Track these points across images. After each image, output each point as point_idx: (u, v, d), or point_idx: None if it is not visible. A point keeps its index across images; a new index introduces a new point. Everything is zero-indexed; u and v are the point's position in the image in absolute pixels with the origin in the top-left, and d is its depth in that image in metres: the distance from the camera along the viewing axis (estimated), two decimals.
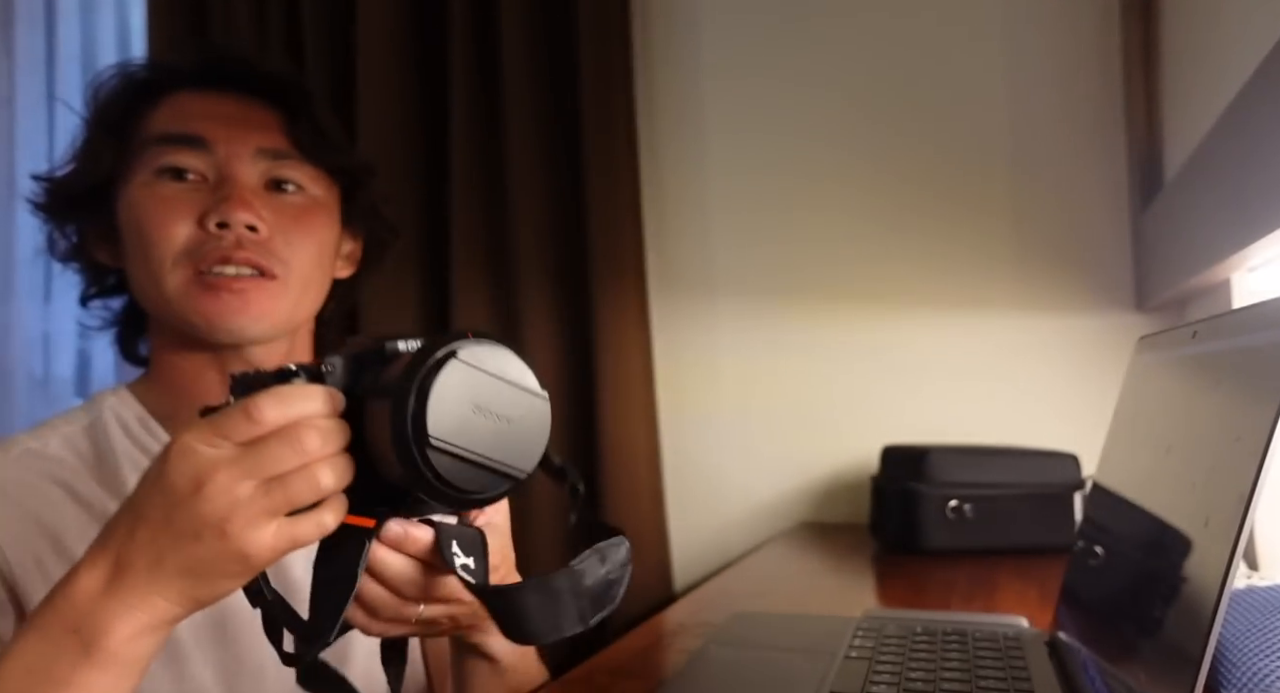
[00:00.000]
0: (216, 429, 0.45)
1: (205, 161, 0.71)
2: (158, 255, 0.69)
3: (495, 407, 0.47)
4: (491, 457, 0.46)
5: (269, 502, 0.45)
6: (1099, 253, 1.35)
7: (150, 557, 0.46)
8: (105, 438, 0.72)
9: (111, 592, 0.46)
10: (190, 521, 0.45)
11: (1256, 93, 0.71)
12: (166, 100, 0.74)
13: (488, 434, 0.46)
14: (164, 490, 0.45)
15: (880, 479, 1.25)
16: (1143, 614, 0.49)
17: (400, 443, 0.44)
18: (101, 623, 0.46)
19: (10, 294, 2.12)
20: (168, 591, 0.46)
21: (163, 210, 0.69)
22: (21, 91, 2.14)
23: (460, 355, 0.46)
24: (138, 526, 0.46)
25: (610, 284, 1.40)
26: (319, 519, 0.47)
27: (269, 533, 0.45)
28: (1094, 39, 1.35)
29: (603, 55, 1.41)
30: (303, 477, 0.45)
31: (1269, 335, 0.43)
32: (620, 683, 0.71)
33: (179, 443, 0.46)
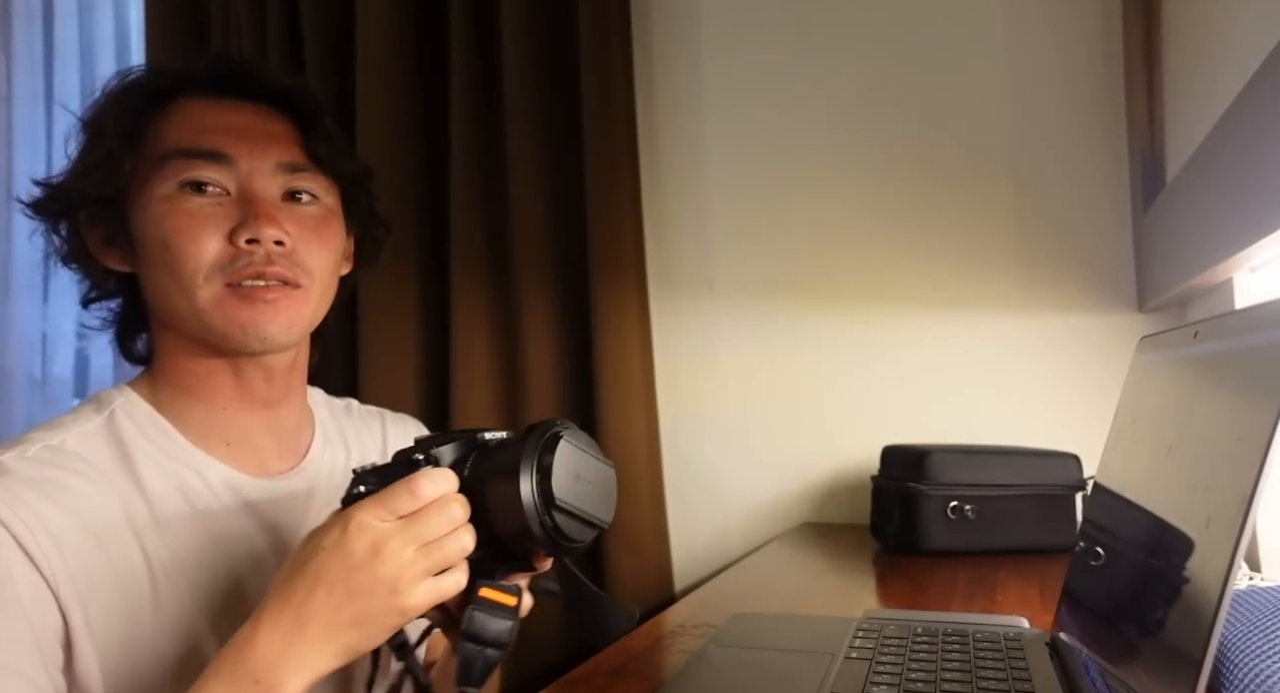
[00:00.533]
0: (386, 506, 0.56)
1: (227, 175, 0.73)
2: (190, 269, 0.71)
3: (587, 475, 0.62)
4: (590, 513, 0.61)
5: (429, 563, 0.56)
6: (1100, 253, 1.35)
7: (327, 614, 0.55)
8: (121, 436, 0.72)
9: (290, 648, 0.55)
10: (368, 580, 0.55)
11: (1257, 93, 0.71)
12: (179, 107, 0.75)
13: (585, 496, 0.61)
14: (345, 557, 0.55)
15: (880, 480, 1.25)
16: (1144, 615, 0.49)
17: (531, 507, 0.58)
18: (280, 677, 0.54)
19: (9, 294, 2.12)
20: (335, 645, 0.56)
21: (191, 225, 0.71)
22: (19, 90, 2.14)
23: (564, 437, 0.61)
24: (317, 587, 0.55)
25: (610, 284, 1.39)
26: (456, 578, 0.58)
27: (424, 589, 0.56)
28: (1096, 39, 1.35)
29: (603, 55, 1.41)
30: (452, 540, 0.57)
31: (1270, 336, 0.43)
32: (620, 684, 0.71)
33: (357, 519, 0.56)
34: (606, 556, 1.37)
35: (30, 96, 2.13)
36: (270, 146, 0.74)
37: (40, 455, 0.68)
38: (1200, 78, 1.02)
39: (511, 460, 0.59)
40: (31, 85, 2.14)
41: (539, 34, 1.45)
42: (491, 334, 1.47)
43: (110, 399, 0.75)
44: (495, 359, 1.47)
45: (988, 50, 1.40)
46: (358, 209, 0.84)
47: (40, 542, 0.63)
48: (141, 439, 0.73)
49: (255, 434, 0.78)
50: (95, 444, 0.71)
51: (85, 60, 2.12)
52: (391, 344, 1.48)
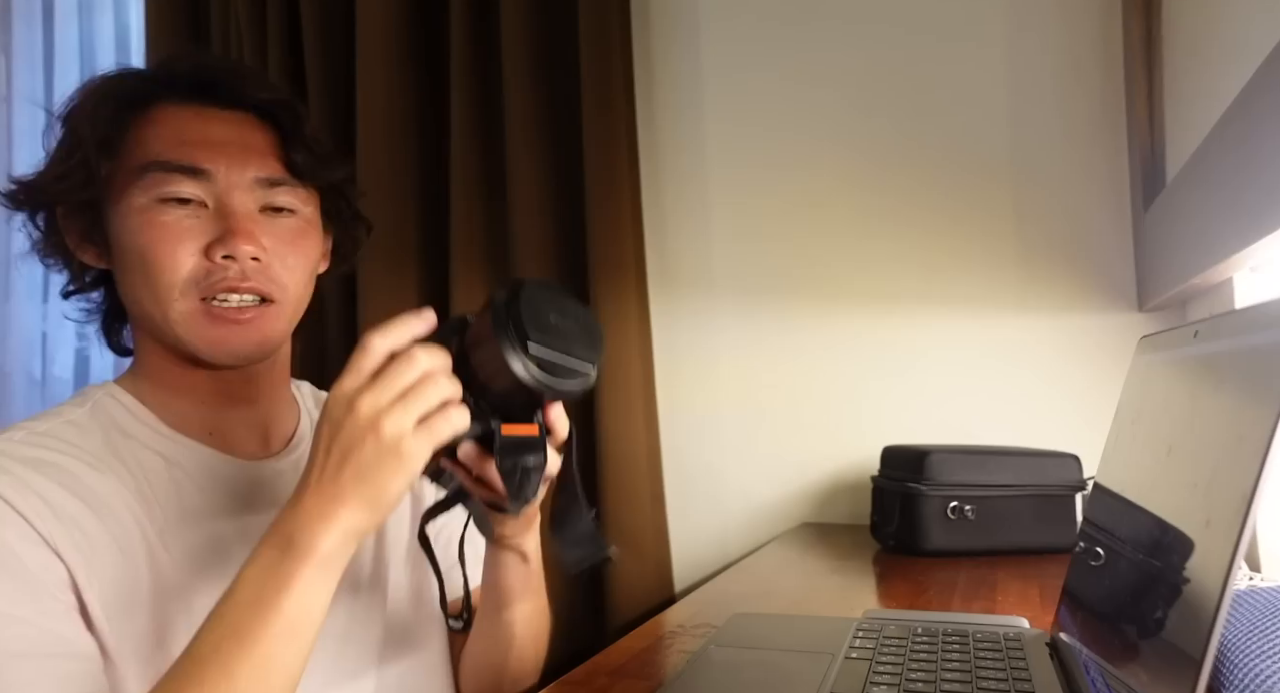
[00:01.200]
0: (350, 371, 0.61)
1: (205, 189, 0.73)
2: (164, 283, 0.71)
3: (562, 312, 0.63)
4: (573, 348, 0.62)
5: (405, 406, 0.59)
6: (1100, 253, 1.35)
7: (330, 473, 0.59)
8: (107, 422, 0.74)
9: (308, 508, 0.60)
10: (350, 433, 0.59)
11: (1258, 93, 0.71)
12: (158, 114, 0.74)
13: (565, 331, 0.62)
14: (329, 423, 0.60)
15: (880, 480, 1.25)
16: (1144, 615, 0.49)
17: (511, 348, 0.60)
18: (306, 533, 0.59)
19: (9, 294, 2.12)
20: (351, 498, 0.59)
21: (167, 239, 0.71)
22: (19, 90, 2.15)
23: (527, 282, 0.62)
24: (317, 455, 0.60)
25: (610, 284, 1.39)
26: (448, 417, 0.60)
27: (411, 432, 0.59)
28: (1096, 39, 1.35)
29: (603, 55, 1.41)
30: (427, 384, 0.60)
31: (1270, 336, 0.43)
32: (620, 684, 0.71)
33: (331, 393, 0.61)
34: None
35: (31, 97, 2.13)
36: (249, 160, 0.74)
37: (29, 439, 0.69)
38: (1200, 78, 1.02)
39: (483, 322, 0.62)
40: (31, 85, 2.14)
41: (539, 34, 1.45)
42: None
43: (93, 392, 0.76)
44: None
45: (988, 50, 1.40)
46: (337, 212, 0.85)
47: (33, 504, 0.64)
48: (128, 423, 0.74)
49: (236, 426, 0.80)
50: (82, 429, 0.72)
51: (85, 60, 2.12)
52: None
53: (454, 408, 0.61)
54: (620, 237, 1.40)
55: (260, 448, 0.81)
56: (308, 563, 0.59)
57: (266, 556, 0.60)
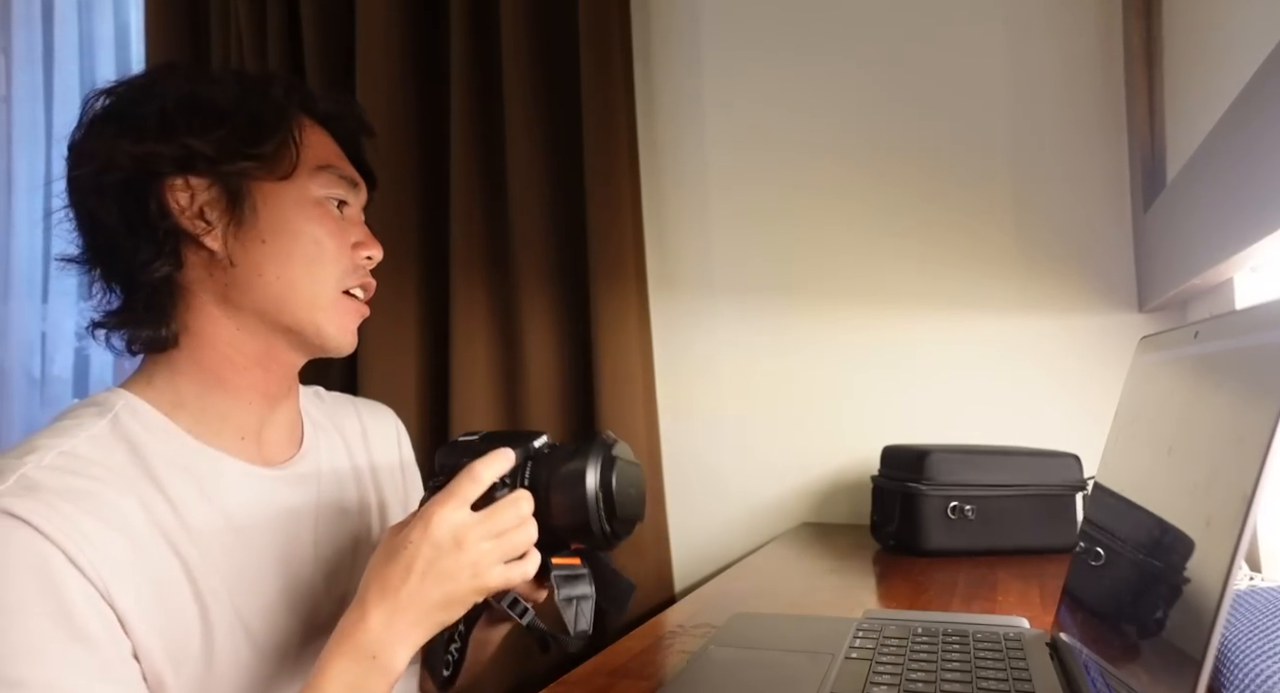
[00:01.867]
0: (457, 497, 0.67)
1: (355, 200, 0.84)
2: (328, 271, 0.78)
3: (633, 483, 0.74)
4: (635, 515, 0.74)
5: (501, 550, 0.67)
6: (1101, 253, 1.35)
7: (420, 598, 0.64)
8: (131, 439, 0.71)
9: (395, 627, 0.64)
10: (453, 566, 0.65)
11: (1258, 93, 0.71)
12: (308, 121, 0.80)
13: (633, 502, 0.73)
14: (433, 547, 0.65)
15: (880, 480, 1.25)
16: (1144, 616, 0.49)
17: (596, 528, 0.71)
18: (392, 651, 0.64)
19: (8, 294, 2.12)
20: (430, 621, 0.66)
21: (341, 233, 0.79)
22: (19, 90, 2.15)
23: (618, 457, 0.73)
24: (410, 575, 0.64)
25: (610, 284, 1.39)
26: (524, 567, 0.69)
27: (498, 574, 0.67)
28: (1096, 40, 1.35)
29: (603, 55, 1.41)
30: (521, 532, 0.68)
31: (1271, 336, 0.43)
32: (620, 684, 0.71)
33: (439, 514, 0.66)
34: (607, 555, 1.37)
35: (30, 96, 2.13)
36: (363, 188, 0.85)
37: (58, 462, 0.66)
38: (1200, 78, 1.02)
39: (573, 478, 0.71)
40: (31, 85, 2.14)
41: (538, 35, 1.45)
42: (491, 335, 1.47)
43: (110, 402, 0.73)
44: (495, 360, 1.47)
45: (988, 50, 1.40)
46: None
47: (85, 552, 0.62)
48: (152, 441, 0.72)
49: (266, 427, 0.80)
50: (107, 448, 0.70)
51: (85, 60, 2.12)
52: (391, 345, 1.48)
53: (532, 555, 0.69)
54: (620, 237, 1.40)
55: (279, 450, 0.82)
56: (388, 680, 0.64)
57: (348, 670, 0.63)
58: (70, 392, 2.10)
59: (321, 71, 1.55)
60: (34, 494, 0.63)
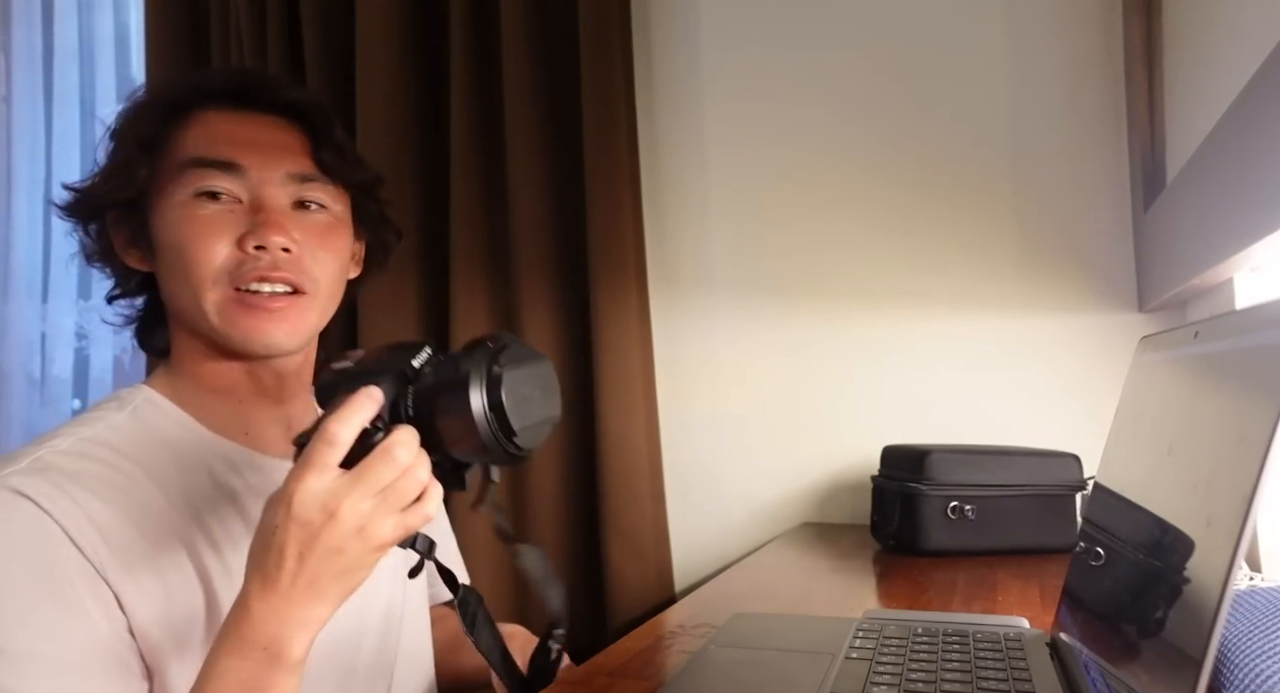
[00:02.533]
0: (314, 466, 0.58)
1: (239, 184, 0.76)
2: (198, 274, 0.74)
3: (533, 387, 0.64)
4: (542, 419, 0.65)
5: (387, 506, 0.59)
6: (1101, 253, 1.35)
7: (306, 579, 0.58)
8: (149, 428, 0.75)
9: (283, 616, 0.58)
10: (333, 540, 0.58)
11: (1258, 93, 0.71)
12: (197, 118, 0.78)
13: (536, 407, 0.64)
14: (302, 526, 0.58)
15: (880, 480, 1.25)
16: (1144, 616, 0.49)
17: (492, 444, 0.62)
18: (284, 642, 0.59)
19: (8, 294, 2.12)
20: (327, 597, 0.59)
21: (202, 231, 0.74)
22: (19, 90, 2.15)
23: (506, 367, 0.62)
24: (285, 559, 0.58)
25: (610, 284, 1.39)
26: (423, 511, 0.61)
27: (391, 528, 0.60)
28: (1096, 39, 1.35)
29: (603, 55, 1.41)
30: (406, 479, 0.60)
31: (1271, 336, 0.43)
32: (620, 684, 0.71)
33: (298, 489, 0.58)
34: (606, 555, 1.37)
35: (30, 96, 2.13)
36: (281, 157, 0.77)
37: (75, 448, 0.70)
38: (1200, 78, 1.02)
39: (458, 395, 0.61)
40: (31, 85, 2.14)
41: (538, 33, 1.45)
42: None
43: (131, 396, 0.78)
44: None
45: (988, 50, 1.40)
46: (368, 216, 0.88)
47: (86, 532, 0.65)
48: (169, 430, 0.76)
49: (270, 426, 0.81)
50: (125, 436, 0.73)
51: (85, 60, 2.12)
52: None
53: (429, 497, 0.62)
54: (620, 237, 1.40)
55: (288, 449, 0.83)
56: (287, 671, 0.59)
57: (239, 668, 0.59)
58: (70, 392, 2.10)
59: (321, 71, 1.55)
60: (43, 475, 0.67)
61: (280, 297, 0.75)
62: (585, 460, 1.43)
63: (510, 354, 0.64)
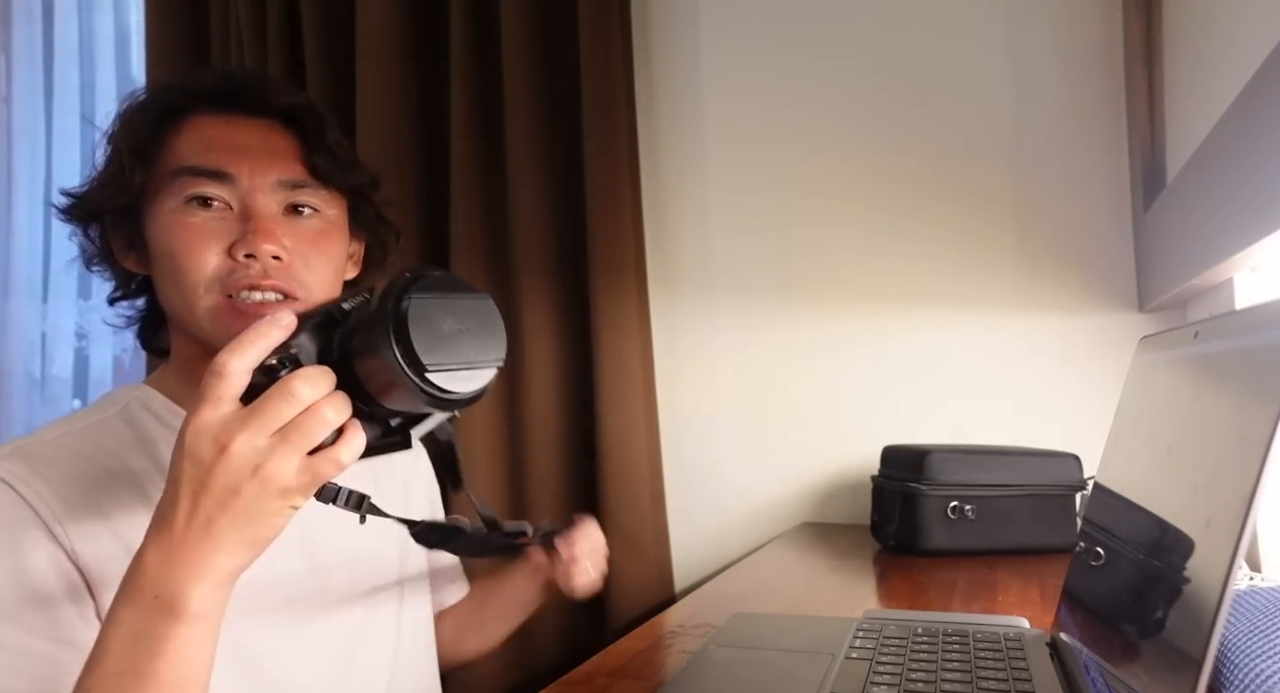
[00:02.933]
0: (207, 399, 0.55)
1: (230, 192, 0.76)
2: (190, 281, 0.74)
3: (457, 320, 0.57)
4: (473, 359, 0.57)
5: (288, 446, 0.54)
6: (1101, 253, 1.35)
7: (200, 521, 0.54)
8: (140, 422, 0.77)
9: (176, 561, 0.54)
10: (226, 478, 0.53)
11: (1258, 93, 0.71)
12: (189, 124, 0.78)
13: (463, 344, 0.57)
14: (194, 463, 0.54)
15: (880, 480, 1.25)
16: (1144, 616, 0.49)
17: (404, 381, 0.54)
18: (176, 589, 0.54)
19: (8, 294, 2.12)
20: (226, 545, 0.55)
21: (193, 239, 0.74)
22: (19, 90, 2.15)
23: (413, 293, 0.56)
24: (180, 499, 0.54)
25: (610, 284, 1.39)
26: (335, 457, 0.56)
27: (295, 471, 0.54)
28: (1096, 39, 1.35)
29: (603, 55, 1.41)
30: (310, 418, 0.55)
31: (1271, 336, 0.43)
32: (620, 684, 0.71)
33: (190, 427, 0.54)
34: (607, 556, 1.37)
35: (30, 96, 2.14)
36: (272, 163, 0.77)
37: (60, 440, 0.72)
38: (1200, 78, 1.02)
39: (370, 337, 0.56)
40: (31, 85, 2.14)
41: (539, 33, 1.45)
42: None
43: (125, 394, 0.79)
44: None
45: (988, 50, 1.40)
46: (365, 217, 0.87)
47: (61, 518, 0.66)
48: (157, 425, 0.77)
49: None
50: (113, 430, 0.75)
51: (85, 60, 2.12)
52: None
53: (345, 442, 0.56)
54: (620, 237, 1.40)
55: None
56: (183, 622, 0.55)
57: (130, 618, 0.55)
58: (70, 392, 2.10)
59: (322, 71, 1.55)
60: (22, 461, 0.68)
61: (271, 304, 0.75)
62: (585, 460, 1.43)
63: (426, 283, 0.57)
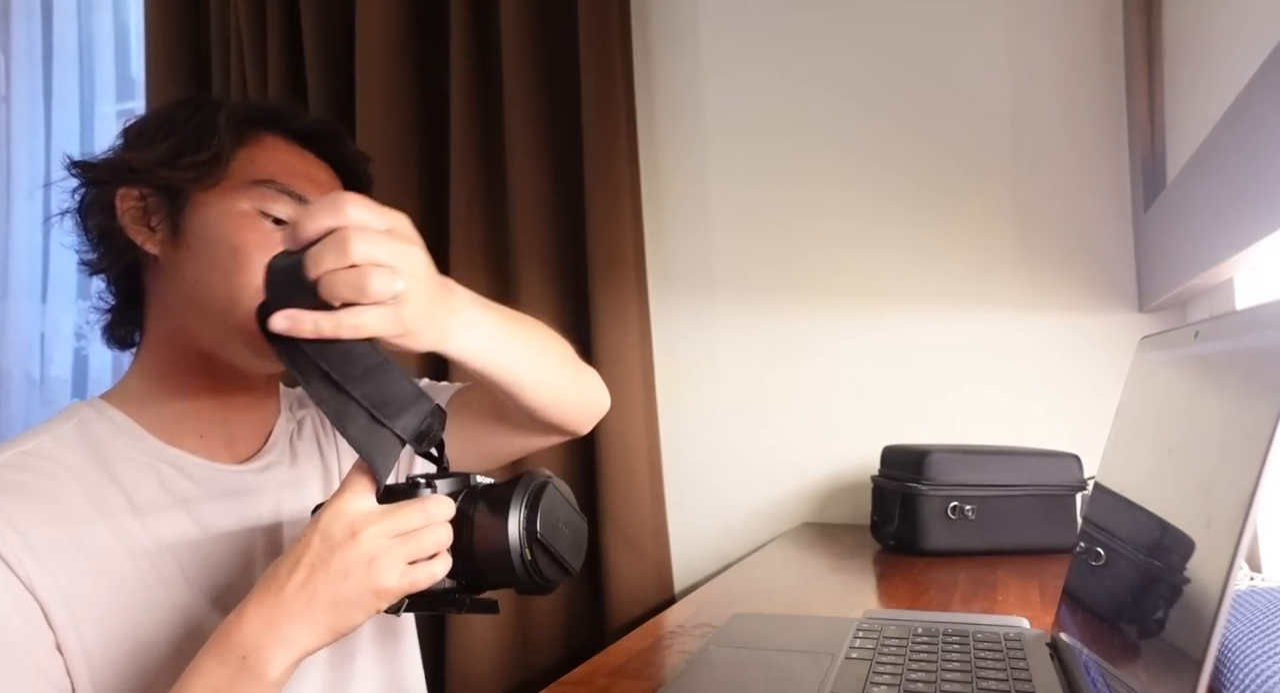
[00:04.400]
0: (354, 489, 0.61)
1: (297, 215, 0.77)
2: (246, 280, 0.74)
3: (566, 522, 0.68)
4: (565, 556, 0.67)
5: (404, 550, 0.60)
6: (1101, 253, 1.35)
7: (306, 595, 0.59)
8: (94, 439, 0.75)
9: (273, 627, 0.59)
10: (344, 561, 0.59)
11: (1259, 93, 0.71)
12: (269, 139, 0.80)
13: (563, 540, 0.67)
14: (324, 539, 0.60)
15: (880, 480, 1.25)
16: (1145, 616, 0.49)
17: (516, 539, 0.63)
18: (266, 655, 0.59)
19: (7, 294, 2.12)
20: (317, 625, 0.59)
21: (264, 244, 0.75)
22: (19, 90, 2.15)
23: (551, 483, 0.67)
24: (298, 569, 0.59)
25: (610, 284, 1.39)
26: (432, 569, 0.62)
27: (398, 574, 0.60)
28: (1097, 39, 1.35)
29: (603, 54, 1.41)
30: (428, 533, 0.62)
31: (1271, 336, 0.43)
32: (620, 684, 0.71)
33: (334, 508, 0.60)
34: (606, 556, 1.37)
35: (30, 96, 2.14)
36: None
37: (12, 461, 0.70)
38: (1200, 78, 1.02)
39: (502, 497, 0.65)
40: (31, 85, 2.14)
41: (538, 33, 1.45)
42: None
43: (80, 410, 0.77)
44: None
45: (988, 50, 1.40)
46: None
47: (15, 547, 0.65)
48: (114, 440, 0.75)
49: (227, 423, 0.81)
50: (67, 447, 0.73)
51: (85, 60, 2.12)
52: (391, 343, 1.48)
53: (440, 559, 0.63)
54: (620, 236, 1.40)
55: (245, 445, 0.83)
56: (261, 689, 0.59)
57: (214, 671, 0.59)
58: (70, 392, 2.10)
59: (321, 72, 1.55)
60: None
61: None
62: (585, 460, 1.43)
63: (557, 485, 0.69)
